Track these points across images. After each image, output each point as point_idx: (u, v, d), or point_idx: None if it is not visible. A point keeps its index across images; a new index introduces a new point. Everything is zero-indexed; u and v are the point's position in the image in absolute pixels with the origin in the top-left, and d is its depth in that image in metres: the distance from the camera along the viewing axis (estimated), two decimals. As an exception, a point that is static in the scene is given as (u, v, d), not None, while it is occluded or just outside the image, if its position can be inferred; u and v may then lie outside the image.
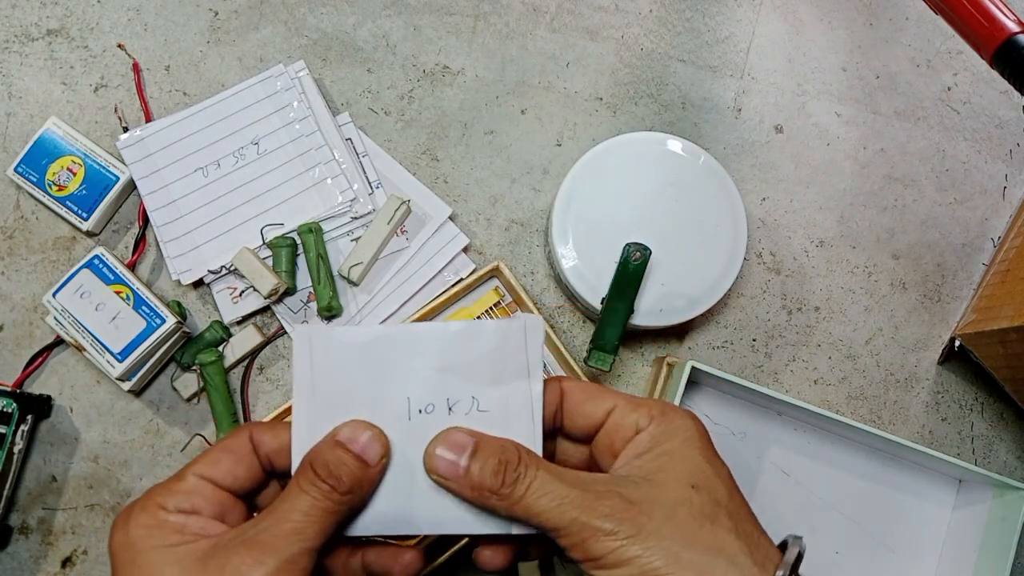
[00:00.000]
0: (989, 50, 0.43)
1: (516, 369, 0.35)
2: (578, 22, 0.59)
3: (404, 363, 0.35)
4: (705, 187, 0.53)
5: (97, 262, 0.51)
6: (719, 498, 0.33)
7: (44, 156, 0.53)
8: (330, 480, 0.32)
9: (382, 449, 0.33)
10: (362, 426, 0.33)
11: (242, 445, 0.34)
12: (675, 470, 0.33)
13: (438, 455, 0.34)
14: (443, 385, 0.35)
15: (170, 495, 0.32)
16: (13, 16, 0.57)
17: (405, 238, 0.55)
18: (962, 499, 0.53)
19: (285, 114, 0.55)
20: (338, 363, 0.34)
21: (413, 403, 0.35)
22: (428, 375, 0.35)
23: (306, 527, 0.31)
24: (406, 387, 0.35)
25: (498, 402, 0.35)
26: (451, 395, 0.35)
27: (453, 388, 0.35)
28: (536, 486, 0.32)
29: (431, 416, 0.35)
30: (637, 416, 0.35)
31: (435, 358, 0.35)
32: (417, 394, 0.35)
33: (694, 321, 0.54)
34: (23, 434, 0.51)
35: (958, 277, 0.58)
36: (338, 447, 0.33)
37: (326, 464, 0.32)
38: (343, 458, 0.32)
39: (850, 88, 0.60)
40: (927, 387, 0.57)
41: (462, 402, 0.35)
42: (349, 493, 0.32)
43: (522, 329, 0.35)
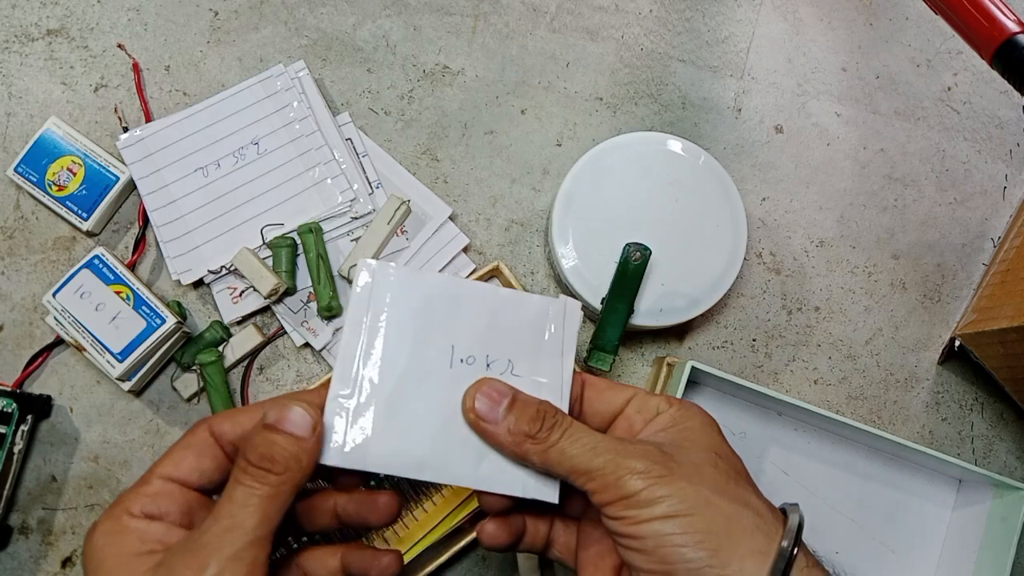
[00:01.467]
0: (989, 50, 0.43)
1: (552, 346, 0.37)
2: (578, 22, 0.59)
3: (456, 313, 0.36)
4: (705, 187, 0.53)
5: (97, 262, 0.51)
6: (740, 468, 0.35)
7: (44, 156, 0.53)
8: (263, 464, 0.31)
9: (312, 420, 0.32)
10: (288, 402, 0.33)
11: (203, 440, 0.34)
12: (698, 440, 0.35)
13: (479, 397, 0.35)
14: (487, 341, 0.36)
15: (137, 499, 0.32)
16: (13, 16, 0.57)
17: (405, 238, 0.55)
18: (962, 499, 0.53)
19: (285, 114, 0.55)
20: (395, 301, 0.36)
21: (456, 351, 0.36)
22: (475, 329, 0.36)
23: (244, 519, 0.30)
24: (453, 335, 0.36)
25: (531, 371, 0.36)
26: (491, 352, 0.36)
27: (495, 347, 0.36)
28: (571, 432, 0.34)
29: (470, 367, 0.36)
30: (657, 401, 0.36)
31: (484, 315, 0.36)
32: (462, 344, 0.36)
33: (694, 321, 0.54)
34: (23, 434, 0.51)
35: (958, 277, 0.58)
36: (266, 429, 0.32)
37: (256, 449, 0.31)
38: (273, 439, 0.32)
39: (850, 88, 0.60)
40: (927, 387, 0.57)
41: (499, 362, 0.36)
42: (287, 471, 0.31)
43: (562, 310, 0.37)
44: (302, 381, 0.53)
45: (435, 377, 0.35)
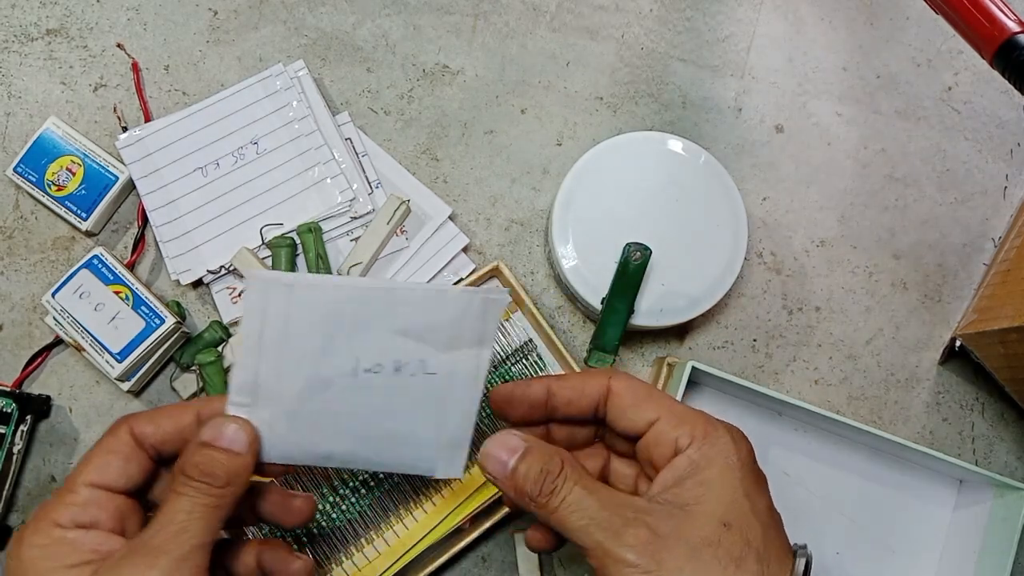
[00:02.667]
0: (989, 50, 0.43)
1: (472, 337, 0.36)
2: (578, 21, 0.59)
3: (360, 323, 0.35)
4: (705, 187, 0.53)
5: (96, 262, 0.51)
6: (750, 538, 0.32)
7: (43, 156, 0.53)
8: (205, 478, 0.32)
9: (248, 437, 0.34)
10: (223, 421, 0.34)
11: (126, 443, 0.34)
12: (710, 503, 0.32)
13: (490, 454, 0.35)
14: (395, 347, 0.35)
15: (65, 509, 0.32)
16: (13, 16, 0.57)
17: (405, 238, 0.55)
18: (963, 499, 0.53)
19: (284, 114, 0.55)
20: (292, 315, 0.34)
21: (362, 362, 0.35)
22: (382, 336, 0.35)
23: (191, 524, 0.31)
24: (357, 347, 0.35)
25: (446, 366, 0.36)
26: (400, 357, 0.35)
27: (405, 350, 0.35)
28: (570, 501, 0.33)
29: (377, 376, 0.35)
30: (678, 434, 0.34)
31: (394, 320, 0.35)
32: (366, 354, 0.35)
33: (694, 321, 0.54)
34: (22, 434, 0.51)
35: (959, 277, 0.58)
36: (204, 447, 0.33)
37: (196, 465, 0.32)
38: (212, 455, 0.33)
39: (851, 88, 0.60)
40: (928, 387, 0.57)
41: (411, 364, 0.36)
42: (227, 485, 0.33)
43: (484, 301, 0.36)
44: (302, 381, 0.53)
45: (339, 387, 0.35)
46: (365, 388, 0.35)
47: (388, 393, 0.36)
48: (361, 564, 0.48)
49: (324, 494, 0.48)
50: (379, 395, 0.36)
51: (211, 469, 0.32)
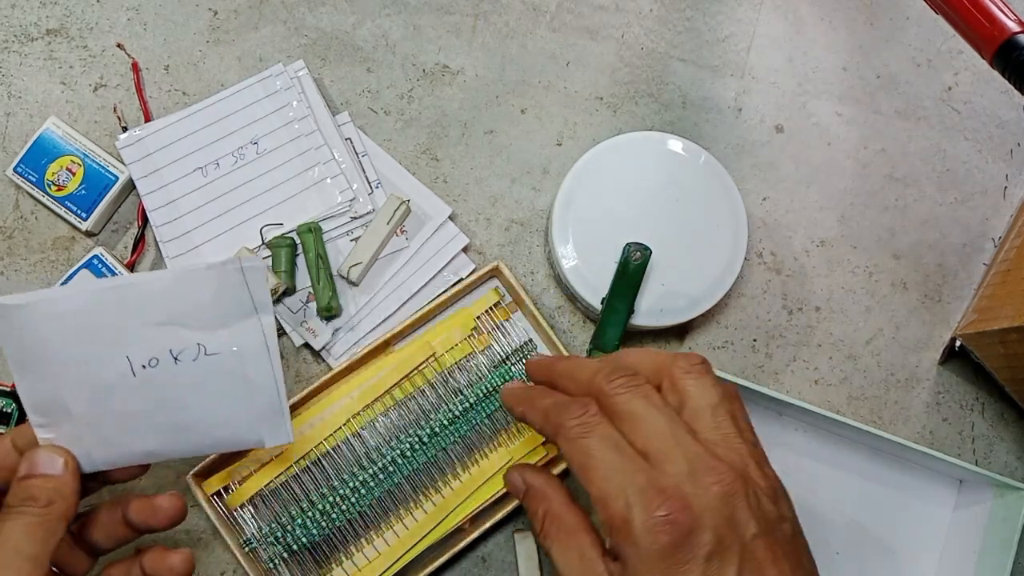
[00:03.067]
0: (989, 50, 0.43)
1: (243, 309, 0.35)
2: (578, 21, 0.59)
3: (116, 324, 0.34)
4: (705, 187, 0.53)
5: (96, 262, 0.51)
6: None
7: (43, 156, 0.53)
8: (27, 503, 0.34)
9: (61, 457, 0.36)
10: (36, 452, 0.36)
11: None
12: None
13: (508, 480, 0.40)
14: (164, 337, 0.35)
15: None
16: (13, 16, 0.57)
17: (405, 238, 0.55)
18: (963, 499, 0.53)
19: (284, 114, 0.55)
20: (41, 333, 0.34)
21: (135, 361, 0.35)
22: (145, 331, 0.34)
23: (20, 542, 0.34)
24: (124, 347, 0.34)
25: (227, 343, 0.35)
26: (174, 346, 0.35)
27: (176, 339, 0.35)
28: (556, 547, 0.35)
29: (156, 369, 0.35)
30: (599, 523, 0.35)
31: (150, 313, 0.34)
32: (137, 352, 0.35)
33: (694, 321, 0.54)
34: (22, 434, 0.51)
35: (959, 277, 0.58)
36: (23, 479, 0.35)
37: (16, 494, 0.35)
38: (30, 482, 0.35)
39: (851, 88, 0.60)
40: (928, 387, 0.57)
41: (188, 350, 0.35)
42: (49, 504, 0.35)
43: (238, 270, 0.35)
44: (301, 382, 0.53)
45: (122, 388, 0.35)
46: (150, 383, 0.35)
47: (177, 383, 0.35)
48: (361, 564, 0.48)
49: (324, 494, 0.48)
50: (169, 387, 0.35)
51: (31, 493, 0.35)
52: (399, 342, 0.53)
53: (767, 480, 0.34)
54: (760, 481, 0.34)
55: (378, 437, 0.49)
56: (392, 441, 0.49)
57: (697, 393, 0.35)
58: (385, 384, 0.50)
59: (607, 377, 0.36)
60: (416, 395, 0.50)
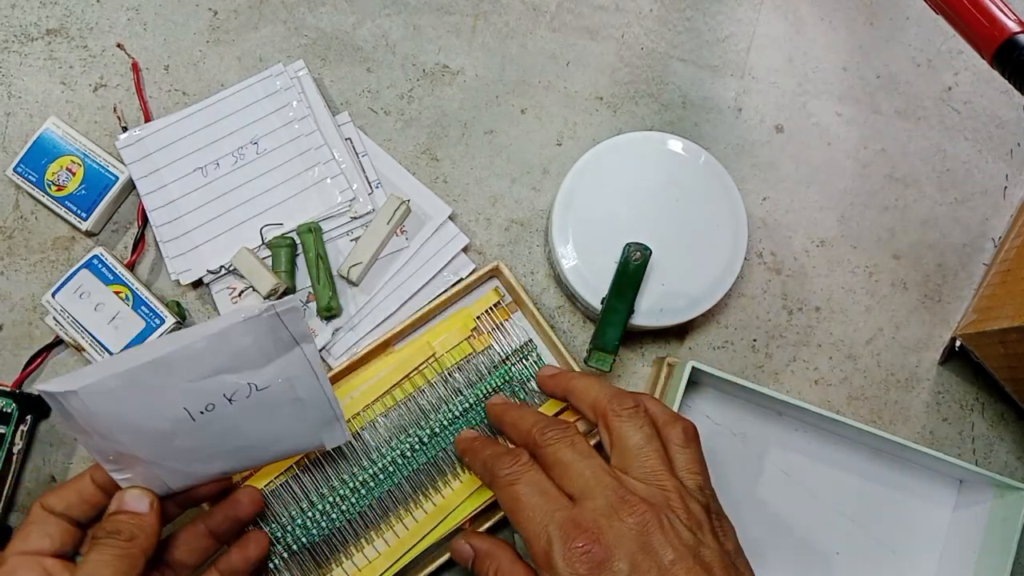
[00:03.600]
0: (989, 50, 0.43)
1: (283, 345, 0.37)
2: (578, 21, 0.59)
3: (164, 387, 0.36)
4: (705, 187, 0.53)
5: (96, 262, 0.51)
6: None
7: (43, 156, 0.53)
8: (112, 536, 0.37)
9: (148, 498, 0.39)
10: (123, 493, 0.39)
11: (40, 515, 0.39)
12: None
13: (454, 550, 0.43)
14: (214, 386, 0.36)
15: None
16: (13, 16, 0.57)
17: (405, 238, 0.55)
18: (963, 499, 0.53)
19: (284, 114, 0.55)
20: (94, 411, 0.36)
21: (191, 410, 0.37)
22: (195, 385, 0.36)
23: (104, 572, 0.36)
24: (177, 403, 0.36)
25: (275, 376, 0.37)
26: (226, 391, 0.37)
27: (226, 384, 0.36)
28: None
29: (213, 412, 0.37)
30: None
31: (195, 372, 0.36)
32: (192, 402, 0.36)
33: (694, 321, 0.54)
34: (22, 434, 0.51)
35: (959, 277, 0.58)
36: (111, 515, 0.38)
37: (103, 527, 0.38)
38: (117, 518, 0.38)
39: (851, 88, 0.60)
40: (928, 387, 0.57)
41: (240, 391, 0.37)
42: (133, 538, 0.37)
43: (274, 316, 0.36)
44: (302, 381, 0.53)
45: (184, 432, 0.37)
46: (209, 424, 0.37)
47: (235, 418, 0.37)
48: (361, 564, 0.48)
49: (324, 494, 0.48)
50: (228, 422, 0.37)
51: (117, 527, 0.37)
52: (399, 342, 0.53)
53: (688, 512, 0.37)
54: (680, 512, 0.37)
55: (378, 437, 0.49)
56: (392, 441, 0.49)
57: (626, 435, 0.40)
58: (385, 384, 0.50)
59: (541, 430, 0.41)
60: (416, 395, 0.50)
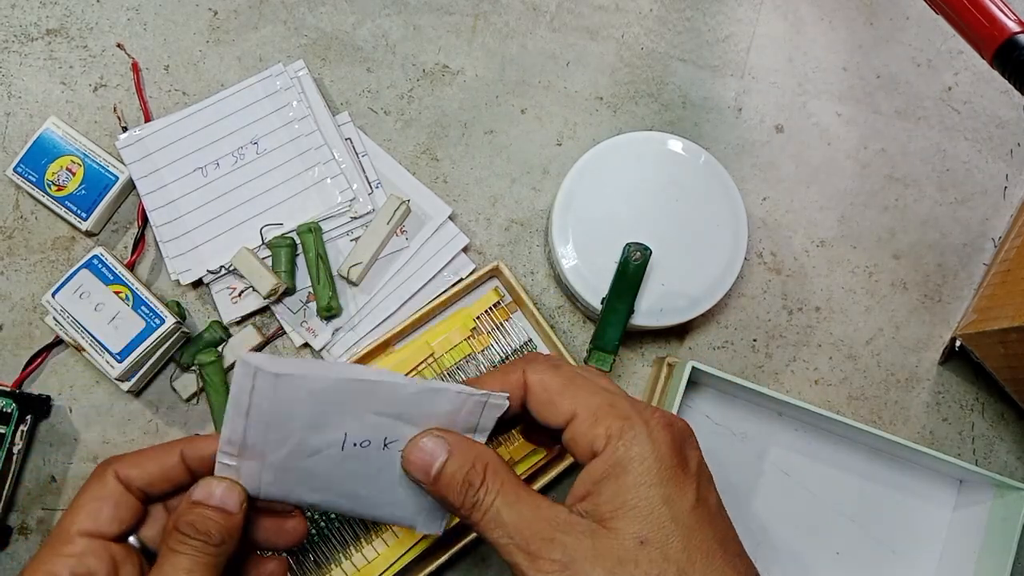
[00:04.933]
0: (989, 50, 0.43)
1: (464, 428, 0.36)
2: (578, 21, 0.59)
3: (351, 406, 0.35)
4: (705, 187, 0.53)
5: (96, 262, 0.51)
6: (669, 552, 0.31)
7: (43, 156, 0.53)
8: (200, 536, 0.33)
9: (239, 496, 0.35)
10: (213, 481, 0.34)
11: (114, 488, 0.35)
12: (626, 518, 0.32)
13: (413, 461, 0.35)
14: (386, 427, 0.35)
15: (61, 560, 0.33)
16: (13, 16, 0.57)
17: (405, 238, 0.55)
18: (963, 499, 0.53)
19: (284, 114, 0.55)
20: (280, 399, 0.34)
21: (350, 438, 0.35)
22: (373, 418, 0.35)
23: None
24: (346, 426, 0.35)
25: None
26: (390, 435, 0.36)
27: (394, 430, 0.35)
28: (490, 516, 0.33)
29: (365, 450, 0.36)
30: (594, 436, 0.33)
31: (385, 407, 0.35)
32: (355, 432, 0.35)
33: (694, 321, 0.54)
34: (22, 434, 0.51)
35: (959, 277, 0.58)
36: (196, 506, 0.34)
37: (191, 524, 0.33)
38: (206, 514, 0.33)
39: (851, 88, 0.60)
40: (928, 387, 0.57)
41: (400, 442, 0.36)
42: (222, 543, 0.33)
43: (480, 403, 0.35)
44: (302, 381, 0.53)
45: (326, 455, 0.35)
46: (353, 459, 0.36)
47: (375, 464, 0.36)
48: (360, 564, 0.48)
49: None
50: (365, 465, 0.36)
51: (206, 528, 0.33)
52: (399, 342, 0.53)
53: None
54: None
55: (378, 437, 0.49)
56: (392, 441, 0.49)
57: None
58: (385, 384, 0.50)
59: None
60: (416, 395, 0.50)
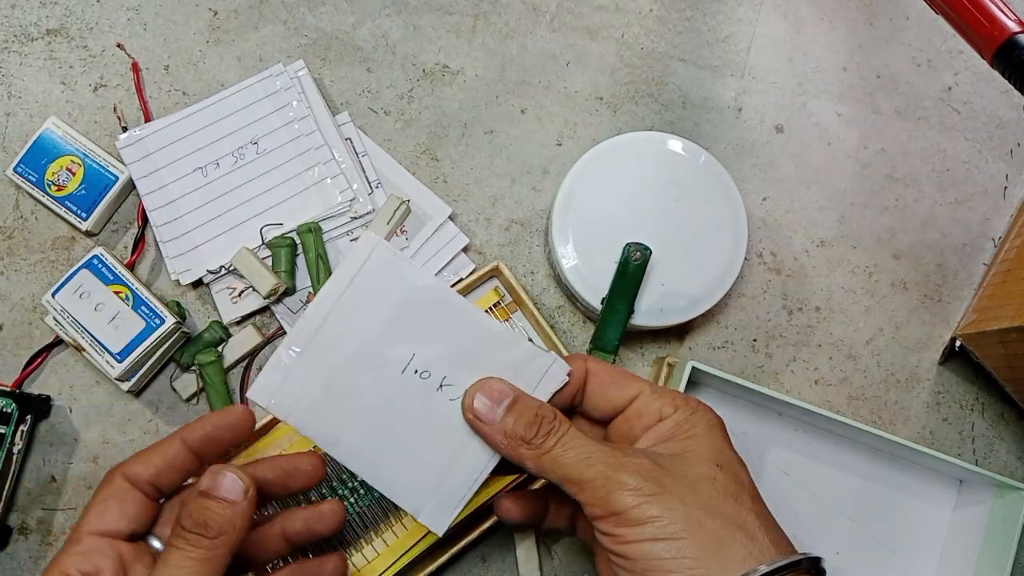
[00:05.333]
0: (989, 50, 0.43)
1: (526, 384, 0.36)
2: (578, 21, 0.59)
3: (436, 322, 0.35)
4: (705, 187, 0.53)
5: (96, 262, 0.51)
6: (742, 480, 0.34)
7: (43, 156, 0.53)
8: (196, 529, 0.32)
9: (244, 484, 0.34)
10: (220, 470, 0.34)
11: (120, 487, 0.35)
12: (699, 450, 0.34)
13: (478, 396, 0.35)
14: (450, 362, 0.35)
15: (70, 559, 0.33)
16: (13, 16, 0.57)
17: (405, 238, 0.55)
18: (963, 499, 0.53)
19: (284, 114, 0.55)
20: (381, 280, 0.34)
21: (415, 360, 0.35)
22: (446, 346, 0.35)
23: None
24: (420, 344, 0.35)
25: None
26: (449, 375, 0.35)
27: (457, 371, 0.35)
28: (567, 439, 0.33)
29: (422, 382, 0.35)
30: (661, 404, 0.35)
31: (464, 337, 0.35)
32: (423, 355, 0.35)
33: (694, 321, 0.54)
34: (22, 434, 0.51)
35: (959, 277, 0.58)
36: (201, 496, 0.33)
37: (190, 515, 0.33)
38: (207, 504, 0.33)
39: (850, 88, 0.60)
40: (928, 387, 0.57)
41: (454, 388, 0.35)
42: (221, 535, 0.33)
43: (546, 366, 0.36)
44: (302, 381, 0.53)
45: (383, 375, 0.35)
46: (405, 388, 0.35)
47: (422, 403, 0.35)
48: (361, 564, 0.48)
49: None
50: (413, 402, 0.35)
51: (203, 518, 0.33)
52: (399, 342, 0.52)
53: None
54: None
55: (378, 437, 0.49)
56: (392, 441, 0.49)
57: None
58: (385, 384, 0.50)
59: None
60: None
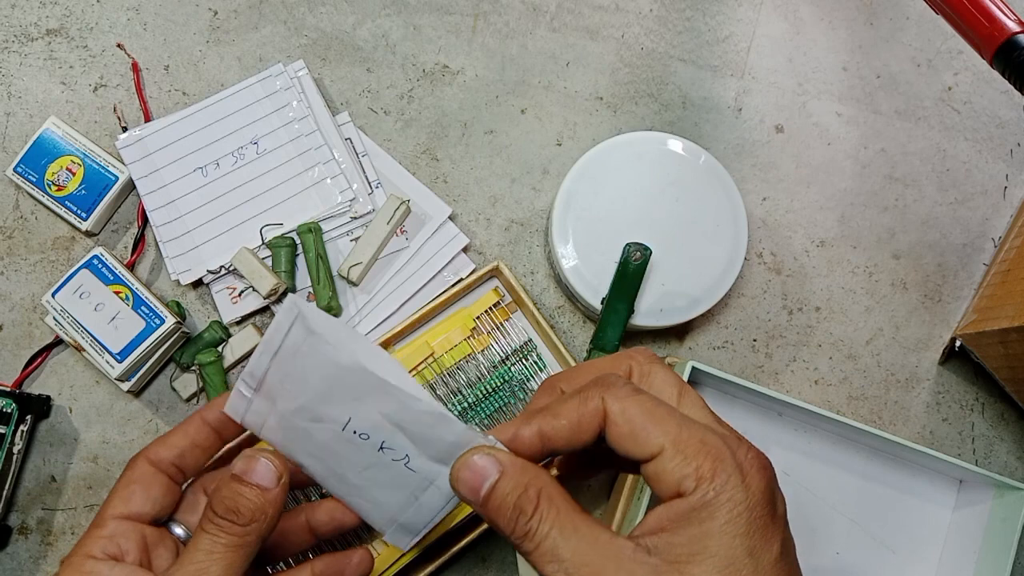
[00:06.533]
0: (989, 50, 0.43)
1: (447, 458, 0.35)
2: (578, 21, 0.59)
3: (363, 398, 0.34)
4: (705, 187, 0.53)
5: (96, 262, 0.51)
6: None
7: (43, 156, 0.53)
8: (228, 515, 0.32)
9: (277, 471, 0.33)
10: (255, 455, 0.33)
11: (145, 472, 0.35)
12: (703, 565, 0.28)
13: (461, 479, 0.32)
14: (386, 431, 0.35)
15: (95, 542, 0.33)
16: (13, 16, 0.57)
17: (405, 238, 0.55)
18: (963, 499, 0.53)
19: (284, 114, 0.55)
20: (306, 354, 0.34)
21: (351, 424, 0.35)
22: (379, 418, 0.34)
23: (209, 567, 0.31)
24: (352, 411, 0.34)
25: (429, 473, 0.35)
26: (388, 441, 0.35)
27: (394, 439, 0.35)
28: (544, 548, 0.30)
29: (362, 442, 0.35)
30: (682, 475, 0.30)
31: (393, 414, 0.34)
32: (359, 421, 0.35)
33: (694, 321, 0.54)
34: (22, 434, 0.51)
35: (959, 277, 0.58)
36: (234, 480, 0.33)
37: (223, 501, 0.32)
38: (239, 490, 0.32)
39: (851, 88, 0.60)
40: (928, 387, 0.57)
41: (395, 451, 0.35)
42: (251, 523, 0.32)
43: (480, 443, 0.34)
44: (302, 381, 0.53)
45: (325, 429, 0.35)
46: (348, 443, 0.35)
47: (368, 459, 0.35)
48: (361, 564, 0.48)
49: (324, 494, 0.48)
50: (359, 456, 0.35)
51: (236, 505, 0.32)
52: (399, 342, 0.52)
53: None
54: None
55: (378, 437, 0.49)
56: (392, 441, 0.49)
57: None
58: (385, 384, 0.50)
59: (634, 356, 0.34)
60: (416, 395, 0.50)
